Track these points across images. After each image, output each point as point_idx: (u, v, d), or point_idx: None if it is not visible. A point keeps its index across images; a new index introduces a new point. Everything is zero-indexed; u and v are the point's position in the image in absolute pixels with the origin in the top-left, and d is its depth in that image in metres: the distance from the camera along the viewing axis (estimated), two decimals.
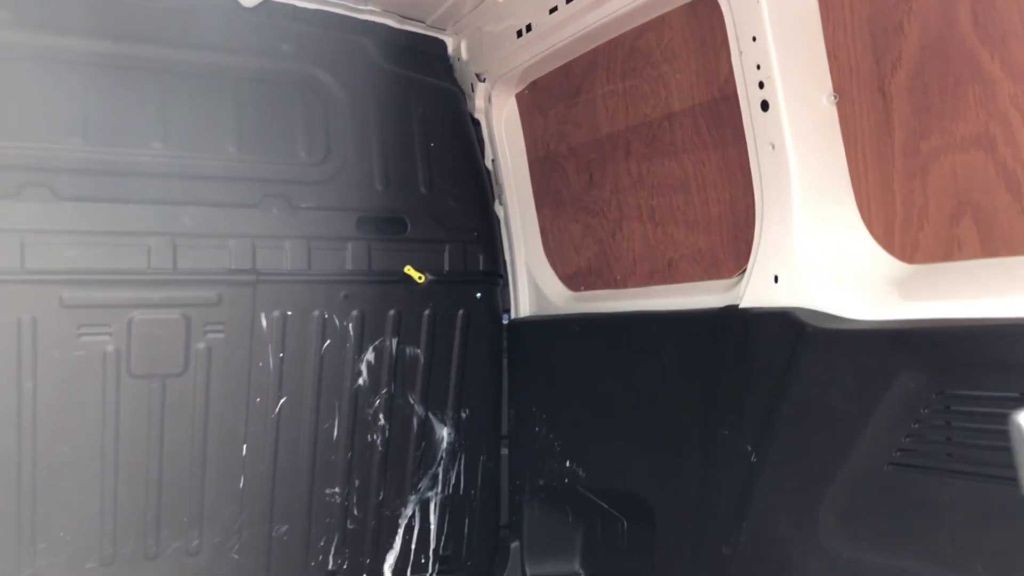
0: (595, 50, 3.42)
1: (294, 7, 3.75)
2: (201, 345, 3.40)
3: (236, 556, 3.56)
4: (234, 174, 3.48)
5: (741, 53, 2.57)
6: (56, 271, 3.17)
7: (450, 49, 4.07)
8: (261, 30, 3.66)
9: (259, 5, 3.67)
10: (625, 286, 3.53)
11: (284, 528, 3.63)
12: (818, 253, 2.49)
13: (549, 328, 3.88)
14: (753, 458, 2.55)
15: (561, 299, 3.89)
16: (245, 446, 3.51)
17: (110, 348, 3.27)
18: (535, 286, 4.00)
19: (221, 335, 3.43)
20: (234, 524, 3.54)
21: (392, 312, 3.71)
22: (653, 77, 3.17)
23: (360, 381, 3.68)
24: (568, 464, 3.64)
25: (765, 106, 2.52)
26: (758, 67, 2.52)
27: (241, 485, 3.53)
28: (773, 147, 2.53)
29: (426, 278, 3.75)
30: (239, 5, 3.64)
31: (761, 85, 2.52)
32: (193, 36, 3.51)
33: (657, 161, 3.23)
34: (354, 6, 3.83)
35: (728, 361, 2.73)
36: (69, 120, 3.25)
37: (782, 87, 2.47)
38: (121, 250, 3.27)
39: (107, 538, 3.35)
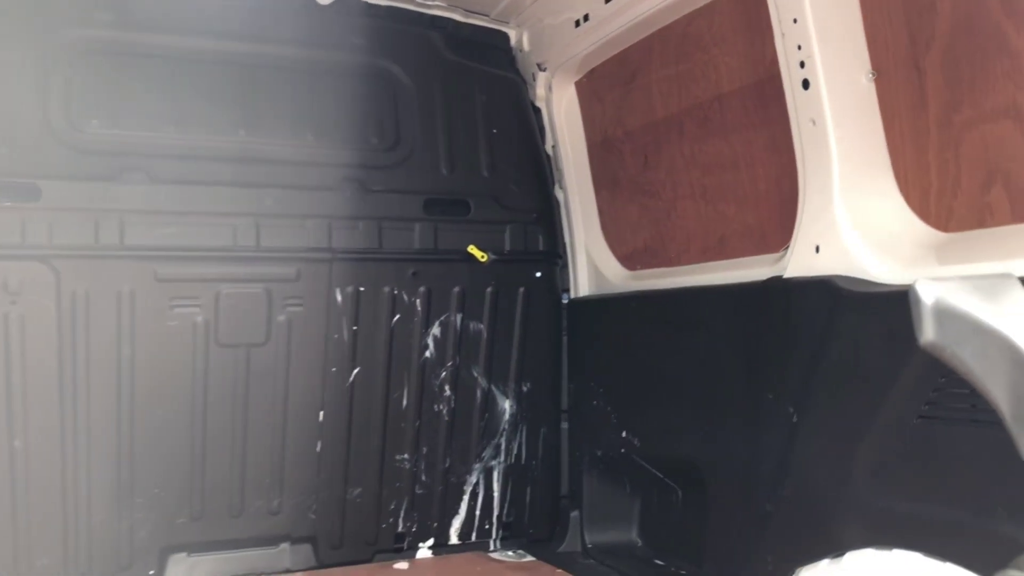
0: (649, 37, 3.58)
1: (367, 4, 4.00)
2: (282, 318, 3.67)
3: (313, 516, 3.83)
4: (312, 159, 3.75)
5: (783, 35, 2.70)
6: (152, 248, 3.48)
7: (512, 41, 4.27)
8: (336, 26, 3.92)
9: (334, 3, 3.93)
10: (679, 263, 3.68)
11: (357, 491, 3.88)
12: (857, 223, 2.61)
13: (607, 306, 4.05)
14: (794, 419, 2.69)
15: (618, 278, 4.05)
16: (322, 412, 3.77)
17: (200, 319, 3.56)
18: (593, 266, 4.17)
19: (300, 308, 3.70)
20: (311, 486, 3.81)
21: (456, 289, 3.93)
22: (704, 61, 3.32)
23: (427, 354, 3.91)
24: (624, 435, 3.80)
25: (806, 84, 2.66)
26: (799, 48, 2.65)
27: (318, 449, 3.79)
28: (814, 123, 2.66)
29: (488, 257, 3.97)
30: (315, 3, 3.91)
31: (802, 65, 2.65)
32: (274, 33, 3.79)
33: (708, 141, 3.38)
34: (422, 1, 4.06)
35: (772, 329, 2.87)
36: (164, 111, 3.56)
37: (821, 66, 2.60)
38: (210, 229, 3.56)
39: (196, 495, 3.65)
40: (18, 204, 3.32)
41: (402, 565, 3.93)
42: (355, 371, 3.79)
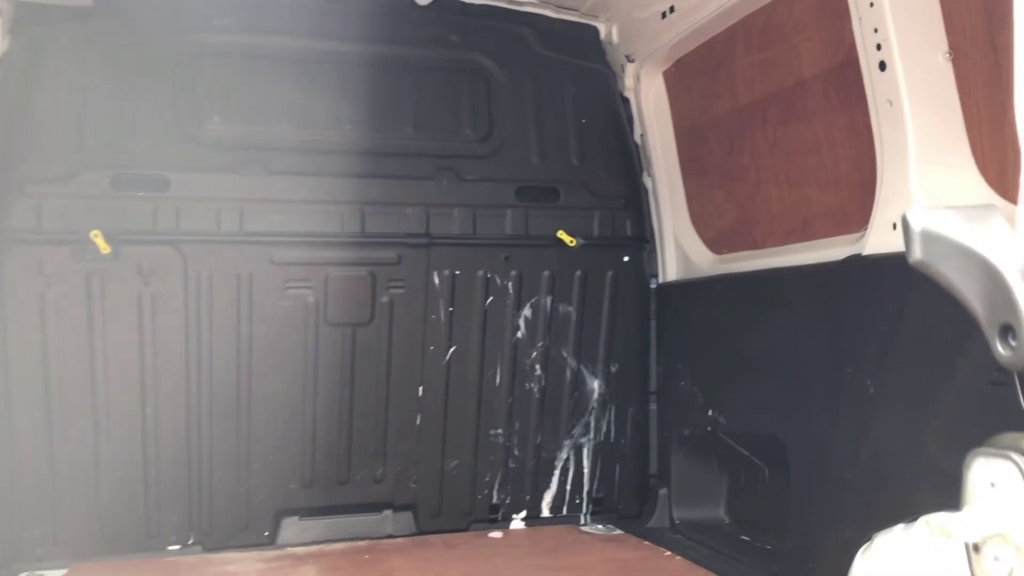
0: (733, 27, 3.68)
1: (462, 3, 4.24)
2: (384, 299, 3.93)
3: (414, 485, 4.08)
4: (411, 151, 4.00)
5: (860, 19, 2.79)
6: (268, 234, 3.78)
7: (602, 34, 4.43)
8: (433, 24, 4.16)
9: (432, 2, 4.18)
10: (764, 246, 3.78)
11: (455, 463, 4.11)
12: (934, 200, 2.68)
13: (694, 290, 4.17)
14: (871, 391, 2.78)
15: (705, 262, 4.16)
16: (421, 388, 4.02)
17: (311, 300, 3.86)
18: (681, 251, 4.29)
19: (401, 290, 3.95)
20: (412, 457, 4.06)
21: (546, 273, 4.12)
22: (786, 48, 3.41)
23: (519, 334, 4.11)
24: (710, 413, 3.92)
25: (883, 66, 2.74)
26: (875, 30, 2.73)
27: (418, 423, 4.04)
28: (891, 103, 2.74)
29: (577, 242, 4.14)
30: (415, 4, 4.16)
31: (879, 47, 2.74)
32: (376, 32, 4.05)
33: (791, 126, 3.47)
34: None
35: (851, 306, 2.95)
36: (278, 107, 3.87)
37: (897, 47, 2.68)
38: (319, 216, 3.85)
39: (307, 463, 3.94)
40: (150, 194, 3.67)
41: (496, 534, 4.14)
42: (451, 349, 4.03)
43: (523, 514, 4.24)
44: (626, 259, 4.26)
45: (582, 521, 4.32)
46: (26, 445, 3.55)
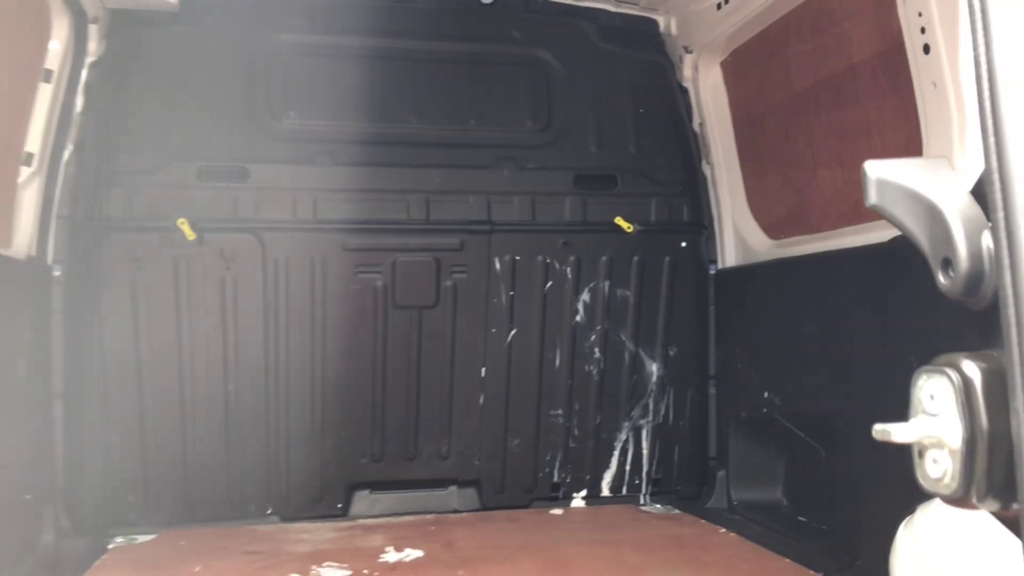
0: (786, 16, 3.75)
1: (525, 0, 4.39)
2: (448, 283, 4.13)
3: (477, 462, 4.26)
4: (473, 141, 4.18)
5: (904, 2, 2.85)
6: (339, 222, 4.02)
7: (662, 27, 4.53)
8: (496, 21, 4.34)
9: (496, 1, 4.34)
10: (820, 230, 3.83)
11: (516, 442, 4.28)
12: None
13: (751, 274, 4.24)
14: (915, 366, 2.83)
15: (763, 247, 4.24)
16: (484, 368, 4.20)
17: (379, 284, 4.07)
18: (740, 237, 4.37)
19: (464, 275, 4.14)
20: (475, 435, 4.24)
21: (604, 258, 4.26)
22: (837, 34, 3.47)
23: (577, 318, 4.26)
24: (767, 395, 4.00)
25: (927, 49, 2.79)
26: (919, 14, 2.79)
27: (481, 402, 4.22)
28: (935, 86, 2.79)
29: (635, 228, 4.26)
30: (479, 2, 4.33)
31: (923, 30, 2.79)
32: (441, 30, 4.25)
33: (843, 111, 3.53)
34: None
35: (899, 285, 3.01)
36: (349, 102, 4.10)
37: (941, 30, 2.73)
38: (387, 205, 4.07)
39: (377, 439, 4.16)
40: (231, 185, 3.94)
41: (557, 511, 4.29)
42: (512, 332, 4.19)
43: (583, 493, 4.38)
44: (684, 244, 4.37)
45: (641, 501, 4.44)
46: (121, 419, 3.85)
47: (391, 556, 3.54)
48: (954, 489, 1.24)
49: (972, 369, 1.22)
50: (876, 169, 1.35)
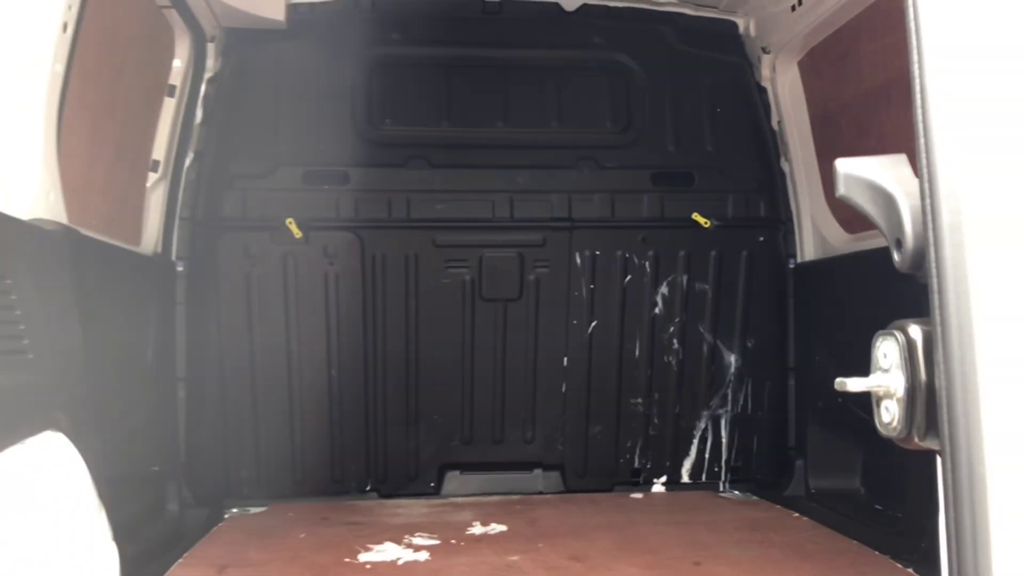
0: (858, 16, 3.85)
1: (607, 7, 4.60)
2: (532, 277, 4.39)
3: (561, 447, 4.51)
4: (555, 143, 4.43)
5: None
6: (431, 220, 4.33)
7: (740, 29, 4.67)
8: (578, 28, 4.56)
9: (578, 8, 4.57)
10: None
11: (598, 428, 4.50)
12: None
13: (830, 268, 4.34)
14: None
15: (840, 241, 4.33)
16: (566, 358, 4.43)
17: (467, 278, 4.36)
18: (818, 232, 4.47)
19: (546, 269, 4.39)
20: (559, 421, 4.49)
21: (682, 253, 4.43)
22: (905, 32, 3.56)
23: (656, 311, 4.45)
24: None
25: None
26: None
27: (563, 390, 4.46)
28: None
29: (712, 223, 4.42)
30: (562, 10, 4.56)
31: None
32: (526, 38, 4.51)
33: (911, 107, 3.61)
34: (657, 0, 4.59)
35: None
36: (439, 108, 4.42)
37: None
38: (474, 204, 4.36)
39: (466, 423, 4.46)
40: (333, 187, 4.30)
41: (638, 495, 4.49)
42: (593, 323, 4.42)
43: (664, 479, 4.56)
44: (761, 239, 4.50)
45: (721, 488, 4.59)
46: (235, 401, 4.25)
47: (477, 529, 3.81)
48: (900, 431, 1.45)
49: (916, 331, 1.44)
50: (844, 165, 1.55)
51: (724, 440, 4.56)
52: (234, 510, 4.18)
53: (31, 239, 2.47)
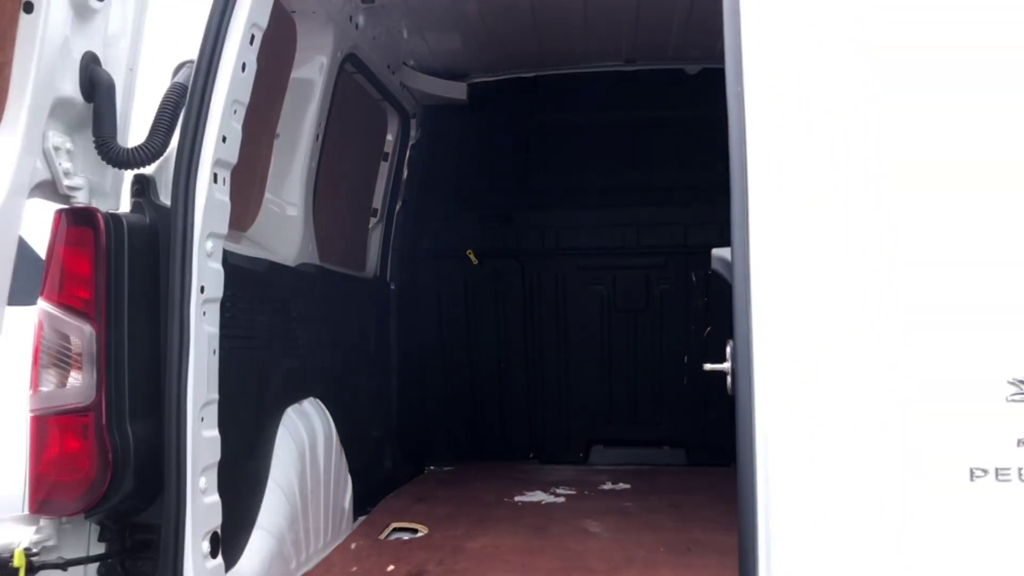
0: None
1: (723, 69, 5.60)
2: (656, 292, 5.52)
3: (684, 428, 5.59)
4: (675, 184, 5.53)
5: None
6: (575, 248, 5.59)
7: None
8: (700, 90, 5.57)
9: (699, 72, 5.60)
10: None
11: (715, 413, 5.51)
12: None
13: None
14: None
15: None
16: (686, 356, 5.51)
17: (605, 293, 5.58)
18: None
19: (668, 286, 5.52)
20: (682, 407, 5.56)
21: None
22: None
23: None
24: None
25: None
26: None
27: (684, 382, 5.52)
28: None
29: None
30: (686, 74, 5.62)
31: None
32: (654, 100, 5.60)
33: None
34: None
35: None
36: (582, 160, 5.65)
37: None
38: (609, 235, 5.57)
39: (606, 405, 5.65)
40: (501, 226, 5.65)
41: None
42: (707, 330, 5.48)
43: None
44: None
45: None
46: (432, 386, 5.68)
47: (607, 486, 5.01)
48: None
49: None
50: (718, 252, 2.57)
51: None
52: (431, 467, 5.60)
53: (299, 278, 3.93)
